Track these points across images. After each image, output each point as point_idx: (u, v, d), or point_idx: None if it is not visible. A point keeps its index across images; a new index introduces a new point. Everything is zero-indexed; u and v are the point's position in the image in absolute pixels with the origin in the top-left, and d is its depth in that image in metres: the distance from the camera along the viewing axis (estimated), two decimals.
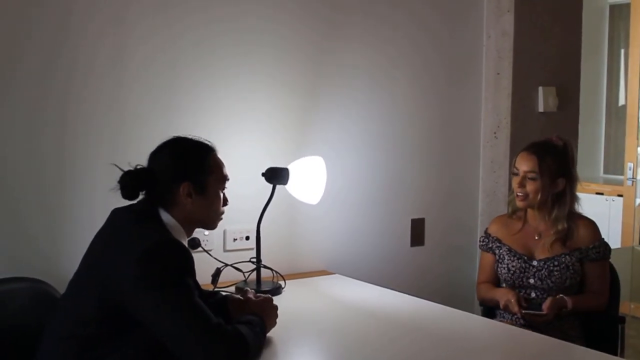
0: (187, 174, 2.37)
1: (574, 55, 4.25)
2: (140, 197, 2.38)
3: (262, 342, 2.35)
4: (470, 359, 2.43)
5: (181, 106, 3.21)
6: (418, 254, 3.94)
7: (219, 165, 2.47)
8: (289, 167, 3.21)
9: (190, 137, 2.46)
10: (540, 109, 4.07)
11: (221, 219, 2.54)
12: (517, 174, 3.21)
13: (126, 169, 2.34)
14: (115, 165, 2.33)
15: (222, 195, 2.49)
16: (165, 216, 2.36)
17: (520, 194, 3.19)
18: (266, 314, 2.47)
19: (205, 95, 3.25)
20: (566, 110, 4.16)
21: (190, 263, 2.27)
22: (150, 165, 2.39)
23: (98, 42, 3.00)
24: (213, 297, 2.62)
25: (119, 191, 2.33)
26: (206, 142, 2.47)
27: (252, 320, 2.35)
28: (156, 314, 2.15)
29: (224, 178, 2.49)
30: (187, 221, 2.40)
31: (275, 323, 2.51)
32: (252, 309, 2.49)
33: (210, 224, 2.52)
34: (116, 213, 2.40)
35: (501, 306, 3.16)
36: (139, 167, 2.36)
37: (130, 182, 2.32)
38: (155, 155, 2.41)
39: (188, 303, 2.16)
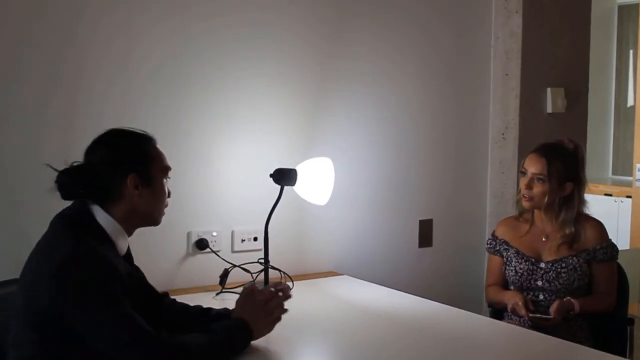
0: (131, 165, 2.22)
1: (583, 56, 4.24)
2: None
3: (232, 349, 2.25)
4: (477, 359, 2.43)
5: (190, 109, 3.21)
6: (426, 255, 3.93)
7: (160, 155, 2.31)
8: (297, 168, 3.21)
9: (125, 128, 2.30)
10: (549, 110, 4.06)
11: (164, 213, 2.37)
12: (525, 175, 3.20)
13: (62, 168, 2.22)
14: (49, 166, 2.21)
15: (166, 187, 2.33)
16: (103, 216, 2.19)
17: (526, 196, 3.18)
18: (255, 319, 2.33)
19: (214, 98, 3.26)
20: (575, 111, 4.16)
21: (109, 271, 2.09)
22: (88, 161, 2.23)
23: (105, 49, 3.02)
24: (160, 298, 2.51)
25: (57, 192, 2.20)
26: (144, 132, 2.31)
27: (229, 327, 2.28)
28: (86, 328, 2.05)
29: (167, 168, 2.33)
30: (129, 218, 2.25)
31: (269, 328, 2.38)
32: (239, 312, 2.36)
33: (156, 219, 2.34)
34: (52, 220, 2.24)
35: (509, 309, 3.16)
36: (75, 164, 2.22)
37: (67, 180, 2.18)
38: (92, 150, 2.24)
39: (113, 316, 2.05)
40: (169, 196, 2.35)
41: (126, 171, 2.20)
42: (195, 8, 3.20)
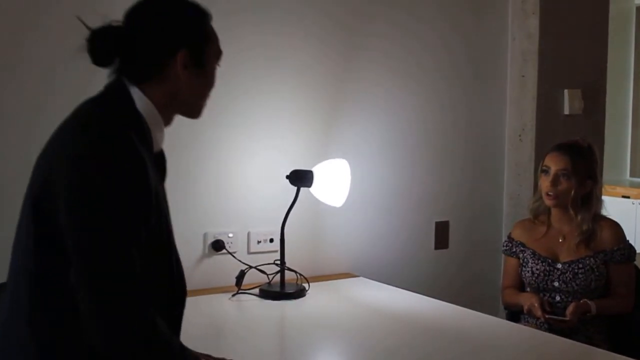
0: (185, 39, 1.84)
1: (600, 57, 4.23)
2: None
3: None
4: None
5: (208, 111, 3.22)
6: (442, 257, 3.93)
7: (215, 34, 1.95)
8: (314, 169, 3.22)
9: None
10: (566, 111, 4.05)
11: (205, 105, 2.03)
12: (547, 173, 3.19)
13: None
14: (79, 19, 1.80)
15: (215, 73, 1.99)
16: (142, 100, 1.82)
17: (551, 193, 3.17)
18: None
19: (232, 101, 3.26)
20: (592, 113, 4.15)
21: (138, 175, 1.71)
22: (131, 25, 1.84)
23: None
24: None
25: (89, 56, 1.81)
26: (202, 4, 1.93)
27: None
28: (74, 240, 1.66)
29: (220, 51, 1.98)
30: (169, 104, 1.89)
31: None
32: None
33: (197, 110, 2.00)
34: (80, 105, 1.87)
35: (525, 310, 3.15)
36: (114, 23, 1.82)
37: (102, 41, 1.79)
38: (137, 11, 1.85)
39: (109, 239, 1.66)
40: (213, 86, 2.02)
41: (178, 45, 1.83)
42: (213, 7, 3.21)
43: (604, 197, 3.29)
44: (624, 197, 6.79)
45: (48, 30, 2.89)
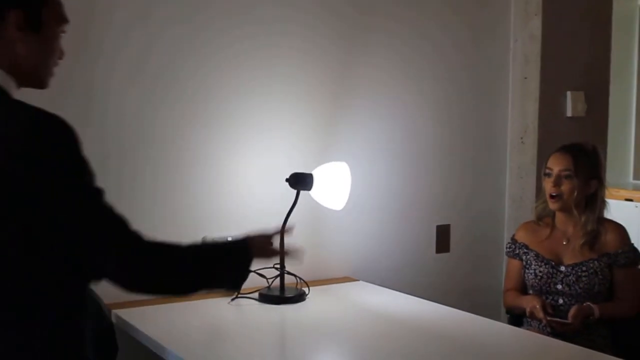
0: None
1: (604, 59, 4.23)
2: None
3: (227, 273, 2.00)
4: None
5: (208, 115, 3.23)
6: (443, 261, 3.94)
7: (56, 1, 1.81)
8: (313, 172, 3.22)
9: None
10: (569, 113, 4.06)
11: (52, 74, 1.87)
12: (550, 175, 3.21)
13: None
14: None
15: (60, 41, 1.85)
16: None
17: (554, 195, 3.18)
18: (259, 248, 2.17)
19: (232, 104, 3.27)
20: (595, 115, 4.15)
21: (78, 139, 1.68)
22: None
23: (121, 53, 3.04)
24: None
25: None
26: None
27: (231, 250, 2.07)
28: (65, 209, 1.66)
29: (63, 16, 1.83)
30: (14, 71, 1.74)
31: (269, 254, 2.26)
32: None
33: (40, 79, 1.83)
34: None
35: (527, 313, 3.16)
36: None
37: None
38: None
39: (94, 193, 1.72)
40: (60, 57, 1.87)
41: (9, 5, 1.71)
42: (212, 10, 3.22)
43: (607, 200, 3.29)
44: (627, 200, 6.80)
45: None
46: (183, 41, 3.17)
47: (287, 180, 3.20)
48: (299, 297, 3.11)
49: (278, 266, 3.15)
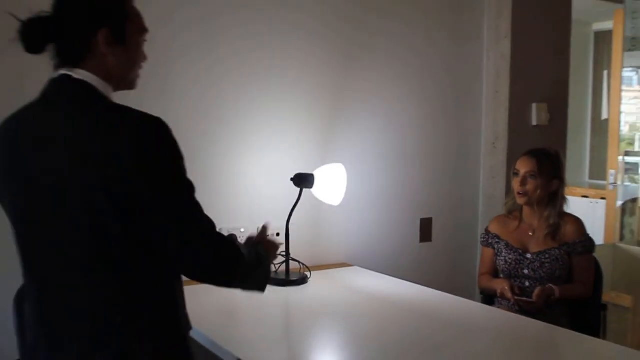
0: (104, 18, 1.72)
1: (564, 75, 4.23)
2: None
3: (260, 271, 1.99)
4: (470, 340, 2.42)
5: (225, 122, 3.22)
6: (426, 249, 3.93)
7: (138, 13, 1.83)
8: (314, 173, 3.22)
9: None
10: (534, 122, 4.06)
11: (138, 76, 1.88)
12: (517, 175, 3.22)
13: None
14: (12, 15, 1.69)
15: (142, 48, 1.86)
16: (87, 76, 1.70)
17: (521, 192, 3.19)
18: (272, 254, 2.17)
19: (245, 113, 3.26)
20: (556, 124, 4.15)
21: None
22: (56, 12, 1.71)
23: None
24: None
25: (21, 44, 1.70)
26: None
27: (259, 252, 2.01)
28: (162, 206, 1.66)
29: (144, 28, 1.84)
30: (108, 80, 1.76)
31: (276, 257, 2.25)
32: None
33: (130, 82, 1.85)
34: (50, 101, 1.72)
35: (498, 293, 3.16)
36: (42, 13, 1.70)
37: (33, 31, 1.69)
38: (59, 1, 1.72)
39: (190, 194, 1.74)
40: (145, 60, 1.89)
41: (98, 24, 1.71)
42: (223, 25, 3.21)
43: (566, 197, 3.29)
44: (583, 197, 6.81)
45: None
46: (208, 65, 3.16)
47: (292, 179, 3.20)
48: (302, 280, 3.10)
49: (284, 253, 3.15)
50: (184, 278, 1.84)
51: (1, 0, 2.02)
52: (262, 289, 1.97)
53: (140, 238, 1.65)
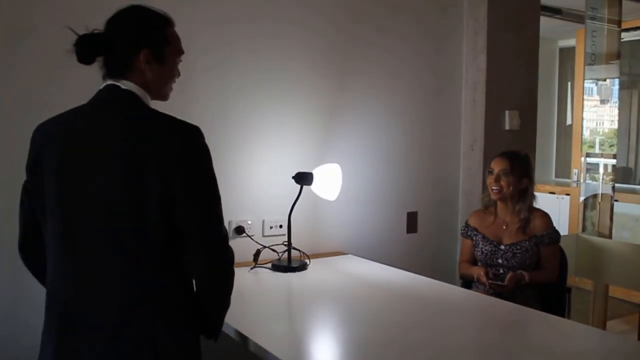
0: (147, 40, 1.81)
1: (533, 86, 4.21)
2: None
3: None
4: (450, 318, 2.41)
5: (234, 126, 3.20)
6: (412, 239, 3.91)
7: (176, 38, 1.90)
8: (313, 171, 3.20)
9: (149, 6, 1.87)
10: (507, 127, 4.04)
11: (172, 89, 1.95)
12: (492, 173, 3.22)
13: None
14: (70, 29, 1.79)
15: (177, 67, 1.94)
16: (132, 87, 1.79)
17: (495, 189, 3.19)
18: None
19: (253, 118, 3.24)
20: (527, 129, 4.13)
21: None
22: (108, 32, 1.81)
23: None
24: None
25: (75, 55, 1.79)
26: (165, 13, 1.89)
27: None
28: (194, 210, 1.73)
29: (181, 51, 1.93)
30: (146, 90, 1.84)
31: None
32: None
33: (163, 94, 1.91)
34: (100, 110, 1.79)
35: (475, 279, 3.15)
36: (96, 31, 1.81)
37: (86, 45, 1.78)
38: (113, 21, 1.82)
39: (218, 199, 1.81)
40: (177, 76, 1.95)
41: (141, 45, 1.80)
42: (236, 54, 3.19)
43: (535, 193, 3.28)
44: (550, 193, 6.81)
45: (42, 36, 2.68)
46: (217, 73, 3.14)
47: (293, 177, 3.19)
48: (302, 267, 3.09)
49: (286, 243, 3.14)
50: None
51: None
52: (217, 333, 1.92)
53: (173, 234, 1.70)
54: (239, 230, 3.22)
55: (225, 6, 3.14)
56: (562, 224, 6.23)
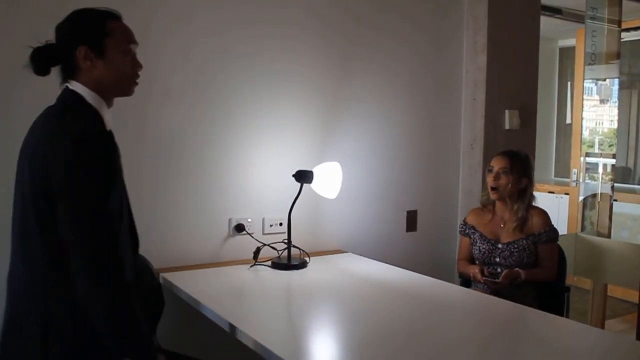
0: (81, 37, 1.80)
1: (532, 85, 4.21)
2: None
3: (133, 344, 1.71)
4: (448, 316, 2.41)
5: (237, 125, 3.20)
6: (412, 238, 3.91)
7: (121, 29, 1.86)
8: (314, 170, 3.20)
9: (91, 7, 1.86)
10: (507, 127, 4.04)
11: (136, 83, 1.92)
12: (491, 171, 3.22)
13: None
14: (31, 47, 1.82)
15: (129, 58, 1.88)
16: (77, 87, 1.80)
17: (494, 187, 3.20)
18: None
19: (254, 117, 3.24)
20: (526, 128, 4.13)
21: (113, 149, 1.72)
22: (55, 38, 1.83)
23: (159, 62, 3.00)
24: None
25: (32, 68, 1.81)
26: (107, 9, 1.86)
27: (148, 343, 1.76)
28: (64, 200, 1.66)
29: (127, 40, 1.87)
30: (99, 89, 1.82)
31: None
32: None
33: (123, 89, 1.89)
34: (46, 110, 1.86)
35: (471, 277, 3.15)
36: (48, 42, 1.82)
37: (37, 56, 1.79)
38: (56, 28, 1.84)
39: (98, 208, 1.65)
40: (138, 68, 1.92)
41: (76, 43, 1.79)
42: (240, 56, 3.19)
43: (534, 193, 3.28)
44: (549, 192, 6.80)
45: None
46: (222, 78, 3.14)
47: (293, 175, 3.19)
48: (302, 265, 3.09)
49: (286, 241, 3.14)
50: (191, 263, 1.85)
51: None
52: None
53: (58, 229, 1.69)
54: (239, 228, 3.23)
55: (225, 8, 3.14)
56: (561, 224, 6.24)
